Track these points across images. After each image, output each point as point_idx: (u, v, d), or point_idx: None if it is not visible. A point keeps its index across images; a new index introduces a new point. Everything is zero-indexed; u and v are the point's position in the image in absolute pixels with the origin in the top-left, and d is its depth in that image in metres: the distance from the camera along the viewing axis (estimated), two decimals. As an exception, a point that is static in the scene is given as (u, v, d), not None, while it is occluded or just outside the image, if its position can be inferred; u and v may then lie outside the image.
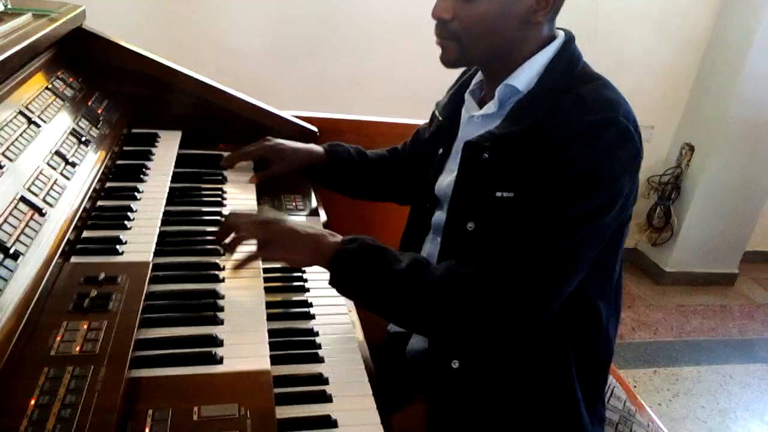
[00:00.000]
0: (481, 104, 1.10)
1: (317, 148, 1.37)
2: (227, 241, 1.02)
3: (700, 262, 3.27)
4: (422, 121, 1.73)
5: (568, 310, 0.99)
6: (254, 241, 1.00)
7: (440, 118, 1.19)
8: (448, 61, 1.04)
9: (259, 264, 1.04)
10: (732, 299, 3.24)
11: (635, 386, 2.45)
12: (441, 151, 1.17)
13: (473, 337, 0.97)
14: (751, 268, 3.51)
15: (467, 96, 1.14)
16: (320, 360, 0.92)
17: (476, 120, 1.08)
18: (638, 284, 3.25)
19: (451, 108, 1.17)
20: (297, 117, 1.57)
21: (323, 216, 1.36)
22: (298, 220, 1.11)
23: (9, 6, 1.16)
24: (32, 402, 0.64)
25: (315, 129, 1.57)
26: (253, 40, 2.52)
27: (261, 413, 0.72)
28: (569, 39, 1.03)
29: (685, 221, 3.13)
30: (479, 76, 1.13)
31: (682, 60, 3.04)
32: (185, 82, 1.44)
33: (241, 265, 1.01)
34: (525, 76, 1.01)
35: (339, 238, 0.98)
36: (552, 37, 1.03)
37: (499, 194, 0.96)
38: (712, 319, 3.02)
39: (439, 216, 1.13)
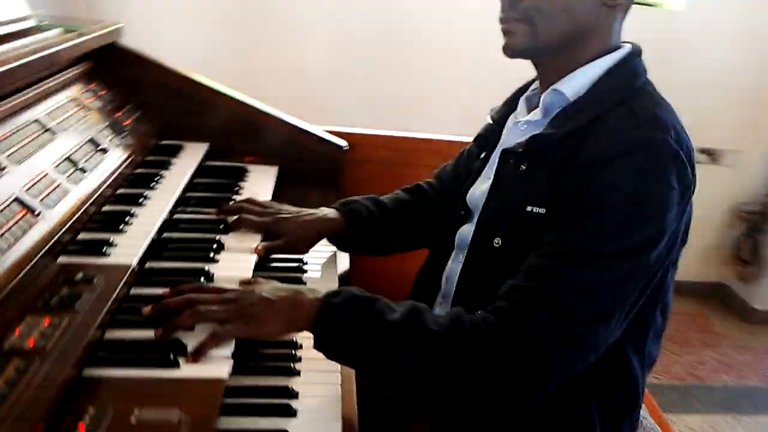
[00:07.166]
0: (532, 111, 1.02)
1: (331, 213, 1.15)
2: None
3: (796, 300, 2.94)
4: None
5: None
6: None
7: (491, 121, 1.11)
8: (514, 48, 0.92)
9: None
10: (832, 343, 2.89)
11: (711, 434, 2.23)
12: (483, 155, 1.09)
13: (487, 398, 0.83)
14: None
15: (521, 101, 1.05)
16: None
17: (521, 127, 1.00)
18: (723, 322, 2.95)
19: (503, 112, 1.10)
20: (328, 132, 1.56)
21: (344, 264, 1.24)
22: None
23: (45, 22, 1.24)
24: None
25: (343, 143, 1.55)
26: (315, 61, 2.59)
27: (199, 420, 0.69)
28: (634, 52, 0.93)
29: (777, 255, 2.84)
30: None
31: (772, 78, 2.79)
32: (217, 96, 1.47)
33: (201, 350, 0.79)
34: (575, 83, 0.92)
35: (320, 293, 0.85)
36: (616, 48, 0.94)
37: (529, 209, 0.88)
38: (808, 365, 2.70)
39: (466, 230, 1.04)
